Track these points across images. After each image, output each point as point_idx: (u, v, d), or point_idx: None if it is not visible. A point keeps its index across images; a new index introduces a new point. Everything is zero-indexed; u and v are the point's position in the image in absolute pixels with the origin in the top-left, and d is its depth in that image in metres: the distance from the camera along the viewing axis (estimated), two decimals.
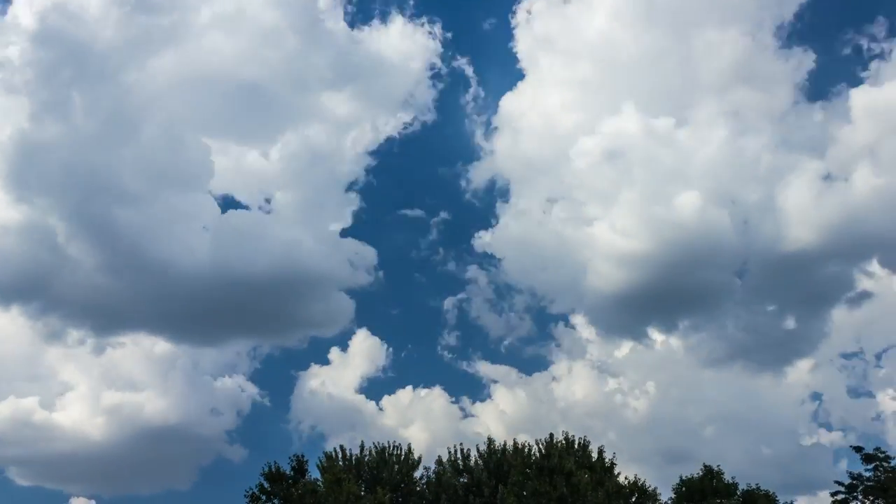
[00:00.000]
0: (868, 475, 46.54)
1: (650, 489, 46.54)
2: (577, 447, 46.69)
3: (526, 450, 46.88)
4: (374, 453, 47.31)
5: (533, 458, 46.17)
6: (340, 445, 47.62)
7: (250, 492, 45.89)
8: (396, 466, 46.76)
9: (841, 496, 47.23)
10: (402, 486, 46.42)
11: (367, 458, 47.08)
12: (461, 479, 46.45)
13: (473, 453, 47.49)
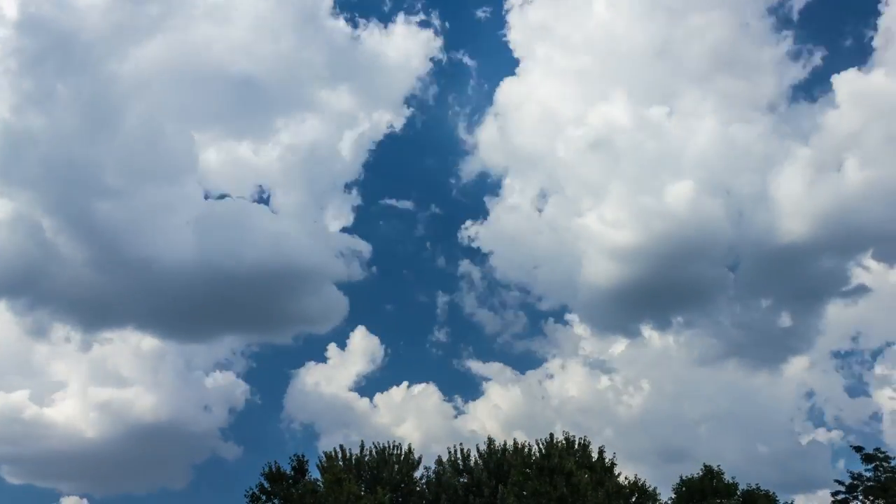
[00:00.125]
0: (868, 475, 46.54)
1: (650, 489, 46.56)
2: (577, 447, 46.68)
3: (526, 450, 46.91)
4: (374, 453, 47.33)
5: (533, 458, 46.16)
6: (340, 445, 47.78)
7: (250, 491, 45.99)
8: (396, 466, 46.80)
9: (841, 496, 47.22)
10: (402, 486, 46.46)
11: (367, 458, 47.11)
12: (461, 479, 46.48)
13: (473, 453, 47.59)
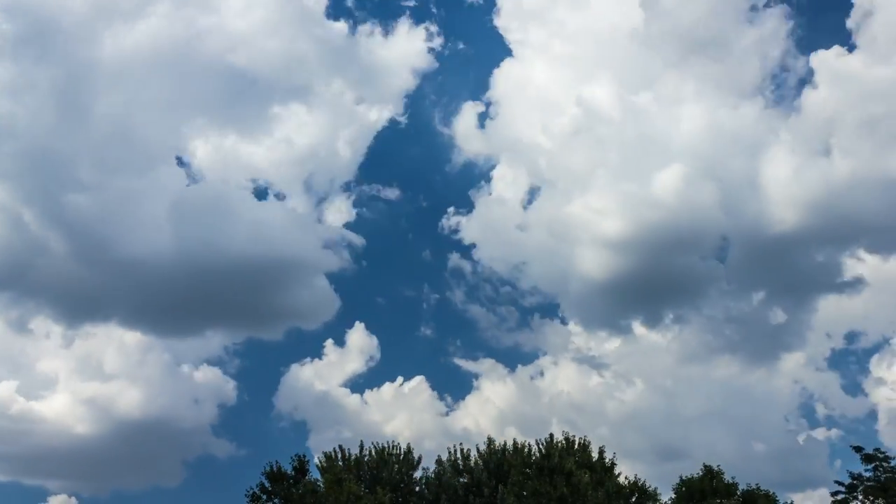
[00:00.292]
0: (868, 475, 46.57)
1: (650, 489, 46.59)
2: (577, 447, 46.72)
3: (526, 450, 46.92)
4: (373, 453, 47.35)
5: (533, 458, 46.21)
6: (340, 445, 47.78)
7: (251, 491, 46.06)
8: (396, 466, 46.83)
9: (841, 496, 47.24)
10: (402, 486, 46.49)
11: (366, 458, 47.13)
12: (461, 479, 46.50)
13: (473, 453, 47.57)
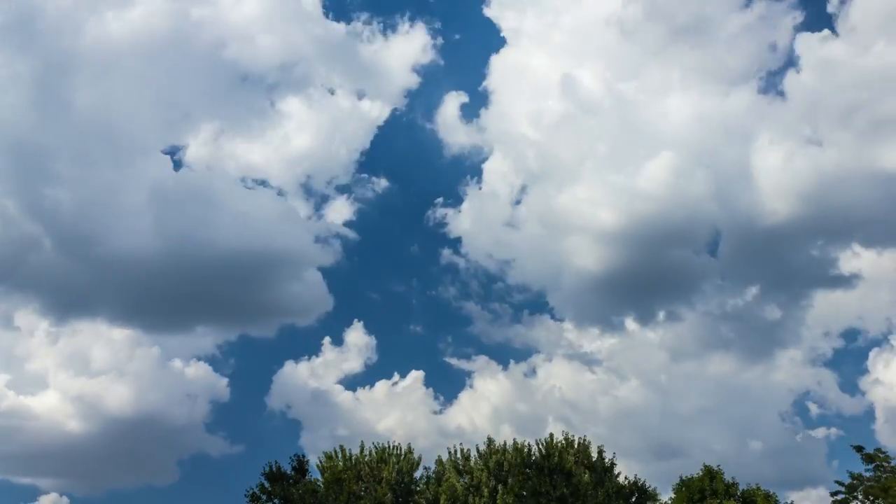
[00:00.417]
0: (868, 475, 46.56)
1: (650, 489, 46.62)
2: (577, 447, 46.73)
3: (526, 449, 46.90)
4: (373, 453, 47.35)
5: (533, 457, 46.20)
6: (340, 445, 47.82)
7: (251, 491, 46.18)
8: (396, 466, 46.80)
9: (841, 496, 47.23)
10: (402, 485, 46.47)
11: (367, 458, 47.13)
12: (461, 479, 46.48)
13: (473, 453, 47.52)
